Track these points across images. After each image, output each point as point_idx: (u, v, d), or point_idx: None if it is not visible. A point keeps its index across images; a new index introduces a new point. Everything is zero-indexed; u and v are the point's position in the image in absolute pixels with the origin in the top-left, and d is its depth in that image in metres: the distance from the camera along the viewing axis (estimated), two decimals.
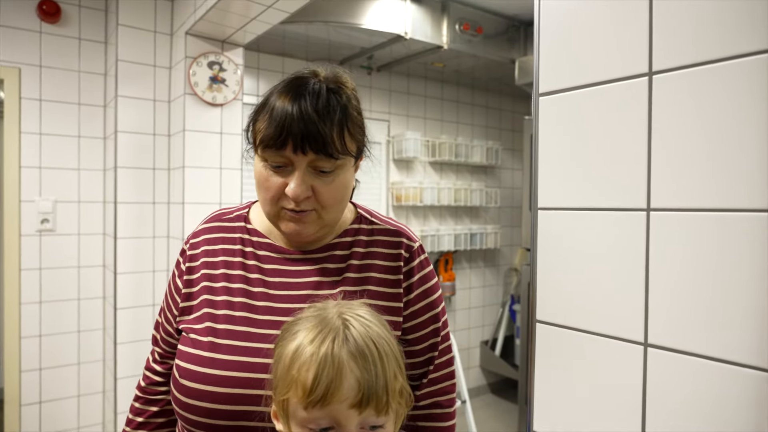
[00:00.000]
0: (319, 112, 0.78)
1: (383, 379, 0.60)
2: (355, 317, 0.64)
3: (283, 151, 0.78)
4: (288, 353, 0.61)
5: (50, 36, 2.57)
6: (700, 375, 0.52)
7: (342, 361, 0.58)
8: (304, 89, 0.79)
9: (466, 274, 4.23)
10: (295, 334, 0.63)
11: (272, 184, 0.81)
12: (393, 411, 0.62)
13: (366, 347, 0.60)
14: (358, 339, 0.61)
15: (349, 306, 0.67)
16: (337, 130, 0.79)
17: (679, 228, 0.54)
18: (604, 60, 0.61)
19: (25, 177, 2.54)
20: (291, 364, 0.60)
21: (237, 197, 2.48)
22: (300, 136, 0.76)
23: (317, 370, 0.58)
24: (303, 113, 0.77)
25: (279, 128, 0.77)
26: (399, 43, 3.00)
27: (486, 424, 3.72)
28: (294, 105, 0.78)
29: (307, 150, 0.77)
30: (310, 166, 0.80)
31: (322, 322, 0.62)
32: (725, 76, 0.51)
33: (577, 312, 0.64)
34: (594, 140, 0.62)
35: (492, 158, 4.17)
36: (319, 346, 0.59)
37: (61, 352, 2.65)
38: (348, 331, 0.61)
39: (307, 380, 0.58)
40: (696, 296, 0.53)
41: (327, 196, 0.82)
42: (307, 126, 0.76)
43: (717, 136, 0.51)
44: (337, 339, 0.60)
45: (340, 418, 0.58)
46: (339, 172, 0.82)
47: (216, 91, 2.41)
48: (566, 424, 0.65)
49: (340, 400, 0.58)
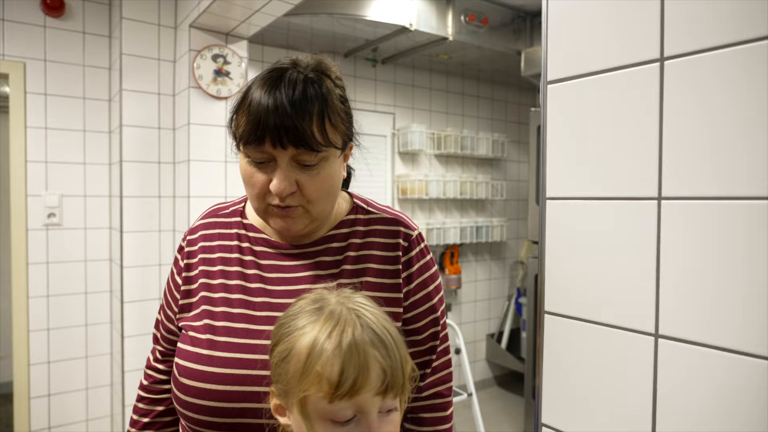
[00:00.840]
0: (295, 105, 0.74)
1: (400, 363, 0.61)
2: (360, 306, 0.63)
3: (263, 147, 0.76)
4: (302, 349, 0.60)
5: (54, 30, 2.56)
6: (711, 366, 0.51)
7: (367, 351, 0.58)
8: (280, 81, 0.76)
9: (471, 267, 4.22)
10: (303, 328, 0.62)
11: (257, 181, 0.79)
12: (405, 394, 0.63)
13: (383, 333, 0.61)
14: (374, 326, 0.61)
15: (346, 295, 0.66)
16: (317, 121, 0.76)
17: (692, 217, 0.53)
18: (614, 46, 0.60)
19: (32, 171, 2.55)
20: (309, 359, 0.59)
21: (242, 190, 2.47)
22: (276, 130, 0.74)
23: (343, 363, 0.57)
24: (278, 106, 0.74)
25: (255, 123, 0.75)
26: (404, 34, 2.98)
27: (492, 416, 3.72)
28: (270, 98, 0.74)
29: (287, 144, 0.75)
30: (293, 160, 0.77)
31: (331, 315, 0.61)
32: (742, 60, 0.49)
33: (586, 303, 0.63)
34: (604, 128, 0.61)
35: (498, 150, 4.14)
36: (340, 338, 0.58)
37: (68, 346, 2.67)
38: (361, 320, 0.61)
39: (332, 375, 0.57)
40: (709, 287, 0.52)
41: (312, 189, 0.79)
42: (283, 120, 0.73)
43: (733, 122, 0.50)
44: (356, 329, 0.59)
45: (366, 405, 0.58)
46: (324, 165, 0.79)
47: (220, 84, 2.40)
48: (575, 417, 0.65)
49: (369, 389, 0.58)
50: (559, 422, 0.67)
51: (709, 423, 0.52)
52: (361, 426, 0.59)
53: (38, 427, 2.59)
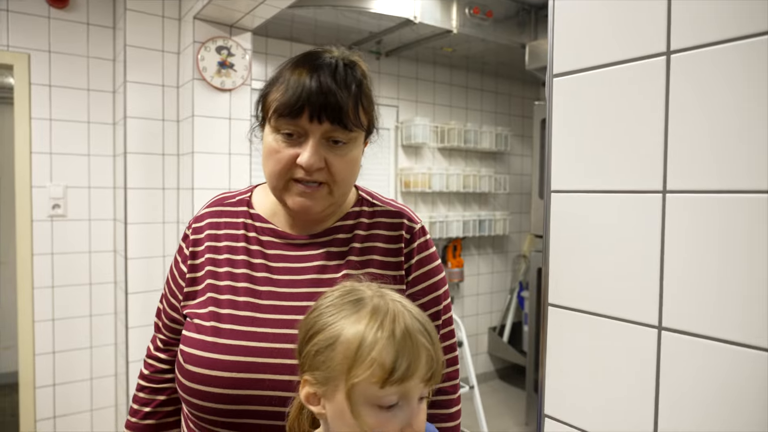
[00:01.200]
0: (338, 81, 0.78)
1: (439, 352, 0.64)
2: (399, 298, 0.66)
3: (298, 120, 0.78)
4: (352, 338, 0.61)
5: (59, 21, 2.56)
6: (715, 358, 0.52)
7: (418, 339, 0.61)
8: (320, 62, 0.80)
9: (474, 261, 4.23)
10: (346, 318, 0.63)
11: (283, 156, 0.80)
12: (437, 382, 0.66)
13: (426, 323, 0.64)
14: (418, 317, 0.63)
15: (378, 288, 0.68)
16: (353, 102, 0.80)
17: (696, 210, 0.53)
18: (620, 39, 0.60)
19: (36, 163, 2.56)
20: (362, 347, 0.60)
21: (246, 182, 2.49)
22: (318, 105, 0.77)
23: (397, 350, 0.59)
24: (321, 83, 0.77)
25: (296, 97, 0.77)
26: (408, 27, 2.97)
27: (494, 409, 3.74)
28: (312, 75, 0.78)
29: (324, 119, 0.77)
30: (324, 137, 0.79)
31: (377, 307, 0.63)
32: (749, 54, 0.49)
33: (590, 295, 0.64)
34: (609, 121, 0.61)
35: (501, 144, 4.14)
36: (392, 326, 0.61)
37: (73, 336, 2.69)
38: (407, 311, 0.63)
39: (387, 361, 0.59)
40: (712, 279, 0.52)
41: (339, 168, 0.81)
42: (327, 96, 0.77)
43: (734, 116, 0.50)
44: (406, 319, 0.62)
45: (411, 392, 0.61)
46: (351, 147, 0.82)
47: (224, 76, 2.40)
48: (578, 408, 0.65)
49: (418, 376, 0.60)
50: (562, 413, 0.67)
51: (711, 415, 0.52)
52: (404, 411, 0.61)
53: (43, 416, 2.62)
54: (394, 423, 0.61)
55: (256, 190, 0.96)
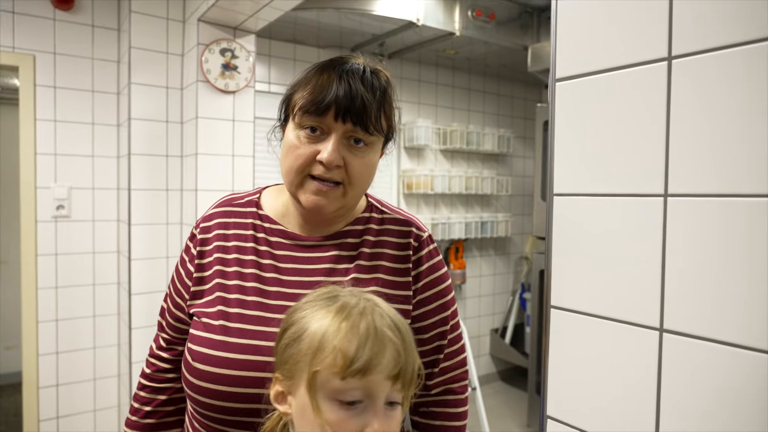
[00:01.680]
0: (366, 87, 0.81)
1: (412, 354, 0.62)
2: (375, 298, 0.65)
3: (324, 118, 0.80)
4: (317, 330, 0.61)
5: (64, 23, 2.58)
6: (715, 360, 0.52)
7: (384, 333, 0.60)
8: (348, 67, 0.83)
9: (476, 263, 4.23)
10: (316, 313, 0.63)
11: (304, 152, 0.82)
12: (410, 390, 0.63)
13: (399, 322, 0.63)
14: (391, 315, 0.63)
15: (359, 291, 0.67)
16: (377, 106, 0.82)
17: (697, 214, 0.54)
18: (622, 45, 0.61)
19: (41, 163, 2.57)
20: (325, 337, 0.60)
21: (249, 184, 2.50)
22: (344, 105, 0.79)
23: (360, 339, 0.59)
24: (351, 86, 0.80)
25: (324, 94, 0.80)
26: (411, 29, 2.98)
27: (496, 410, 3.74)
28: (342, 77, 0.81)
29: (348, 120, 0.80)
30: (345, 136, 0.81)
31: (347, 304, 0.63)
32: (750, 59, 0.50)
33: (592, 298, 0.64)
34: (611, 125, 0.62)
35: (503, 146, 4.14)
36: (358, 319, 0.60)
37: (77, 337, 2.70)
38: (379, 309, 0.63)
39: (349, 349, 0.58)
40: (714, 282, 0.53)
41: (357, 170, 0.83)
42: (354, 98, 0.79)
43: (735, 121, 0.51)
44: (374, 315, 0.61)
45: (375, 389, 0.59)
46: (369, 150, 0.84)
47: (228, 78, 2.42)
48: (580, 409, 0.66)
49: (381, 370, 0.59)
50: (564, 415, 0.68)
51: (712, 417, 0.53)
52: (367, 412, 0.59)
53: (47, 416, 2.63)
54: (354, 423, 0.59)
55: (265, 191, 0.97)
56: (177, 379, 0.94)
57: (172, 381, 0.95)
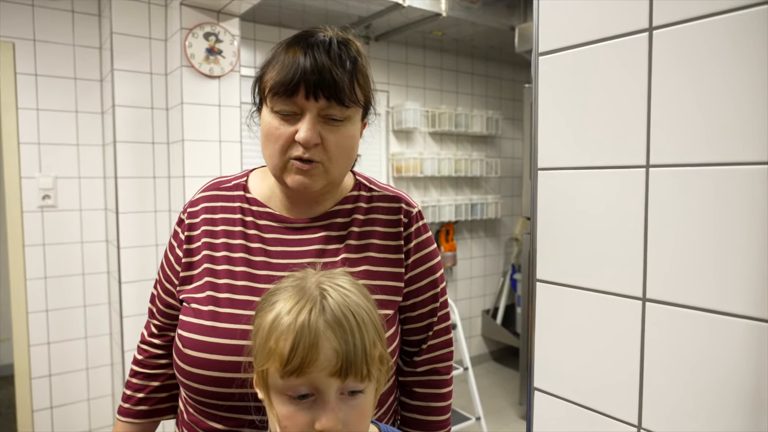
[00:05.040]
0: (333, 59, 0.79)
1: (362, 347, 0.61)
2: (333, 287, 0.63)
3: (295, 98, 0.78)
4: (266, 324, 0.62)
5: (43, 9, 2.53)
6: (697, 327, 0.53)
7: (318, 331, 0.59)
8: (314, 40, 0.81)
9: (467, 245, 4.25)
10: (274, 304, 0.63)
11: (281, 134, 0.80)
12: (374, 378, 0.64)
13: (343, 317, 0.61)
14: (335, 309, 0.61)
15: (329, 275, 0.67)
16: (348, 78, 0.80)
17: (678, 184, 0.54)
18: (603, 16, 0.61)
19: (25, 153, 2.54)
20: (269, 334, 0.61)
21: (237, 170, 2.48)
22: (313, 81, 0.77)
23: (294, 340, 0.58)
24: (316, 60, 0.78)
25: (291, 74, 0.78)
26: (397, 11, 2.95)
27: (488, 390, 3.79)
28: (307, 53, 0.78)
29: (319, 96, 0.78)
30: (320, 114, 0.80)
31: (300, 292, 0.62)
32: (728, 28, 0.50)
33: (576, 270, 0.65)
34: (594, 98, 0.62)
35: (492, 128, 4.14)
36: (296, 316, 0.60)
37: (68, 327, 2.69)
38: (325, 301, 0.61)
39: (284, 350, 0.59)
40: (694, 250, 0.53)
41: (335, 145, 0.81)
42: (321, 72, 0.77)
43: (718, 90, 0.51)
44: (314, 309, 0.60)
45: (320, 385, 0.59)
46: (347, 124, 0.82)
47: (213, 63, 2.39)
48: (566, 380, 0.67)
49: (319, 369, 0.58)
50: (551, 386, 0.69)
51: (693, 381, 0.54)
52: (318, 405, 0.60)
53: (40, 407, 2.63)
54: (303, 416, 0.60)
55: (252, 174, 0.96)
56: (169, 365, 0.94)
57: (164, 367, 0.95)
